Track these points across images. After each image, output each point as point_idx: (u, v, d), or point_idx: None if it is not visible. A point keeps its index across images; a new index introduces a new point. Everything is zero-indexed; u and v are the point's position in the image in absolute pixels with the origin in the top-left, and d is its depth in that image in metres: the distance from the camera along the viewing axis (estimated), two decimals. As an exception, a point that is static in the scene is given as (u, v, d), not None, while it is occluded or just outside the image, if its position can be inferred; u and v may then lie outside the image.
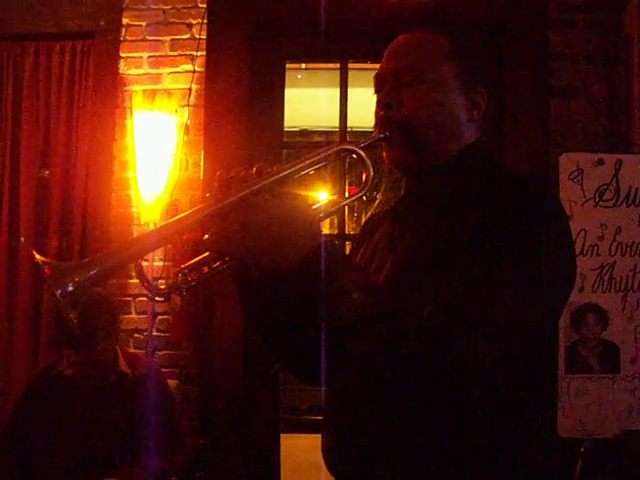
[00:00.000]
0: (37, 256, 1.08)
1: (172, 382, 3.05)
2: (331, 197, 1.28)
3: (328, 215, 1.26)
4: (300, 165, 1.20)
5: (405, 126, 1.30)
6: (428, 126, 1.30)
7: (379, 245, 1.39)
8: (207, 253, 1.21)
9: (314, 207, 1.22)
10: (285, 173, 1.17)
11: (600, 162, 2.79)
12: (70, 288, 1.04)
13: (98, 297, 2.57)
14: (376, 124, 1.34)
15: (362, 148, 1.26)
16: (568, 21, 3.13)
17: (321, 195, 1.26)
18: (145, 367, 2.73)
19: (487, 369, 1.07)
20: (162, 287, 1.24)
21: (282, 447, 3.23)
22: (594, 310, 2.75)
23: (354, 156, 1.27)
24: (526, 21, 3.12)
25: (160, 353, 3.18)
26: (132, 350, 3.15)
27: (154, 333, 3.15)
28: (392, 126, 1.30)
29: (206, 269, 1.22)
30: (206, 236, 1.14)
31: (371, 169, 1.25)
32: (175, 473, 2.58)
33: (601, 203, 2.77)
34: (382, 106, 1.32)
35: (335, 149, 1.26)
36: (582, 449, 2.69)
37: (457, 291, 1.09)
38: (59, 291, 1.03)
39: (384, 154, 1.36)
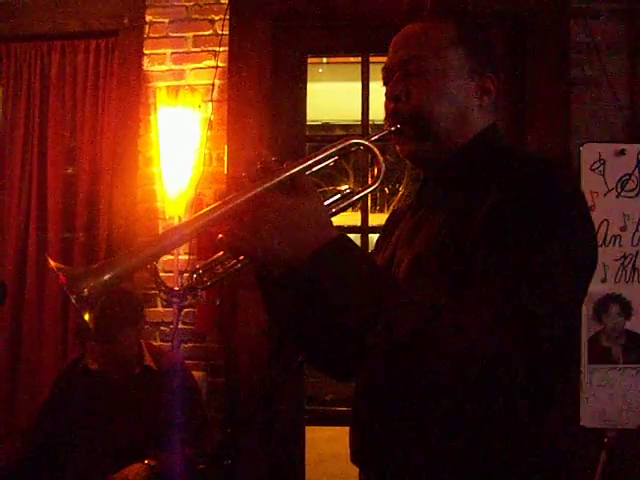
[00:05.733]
0: (52, 263, 1.08)
1: (198, 374, 3.08)
2: (344, 191, 1.27)
3: (341, 210, 1.25)
4: (311, 161, 1.19)
5: (415, 118, 1.29)
6: (438, 115, 1.28)
7: (399, 240, 1.38)
8: (221, 252, 1.21)
9: (326, 202, 1.21)
10: (296, 170, 1.16)
11: (622, 152, 2.78)
12: (85, 293, 1.05)
13: (122, 292, 2.58)
14: (386, 117, 1.33)
15: (374, 141, 1.25)
16: (590, 11, 3.12)
17: (335, 189, 1.25)
18: (169, 360, 2.75)
19: (506, 361, 1.05)
20: (176, 289, 1.25)
21: (306, 439, 3.25)
22: (617, 300, 2.74)
23: (365, 149, 1.25)
24: (548, 11, 3.11)
25: (186, 346, 3.22)
26: (158, 343, 3.19)
27: (180, 326, 3.18)
28: (402, 119, 1.29)
29: (220, 268, 1.22)
30: (220, 236, 1.13)
31: (382, 162, 1.23)
32: (203, 461, 2.61)
33: (623, 193, 2.76)
34: (391, 99, 1.32)
35: (345, 144, 1.24)
36: (605, 439, 2.69)
37: (471, 284, 1.09)
38: (74, 296, 1.04)
39: (397, 147, 1.35)
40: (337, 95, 5.54)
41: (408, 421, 1.20)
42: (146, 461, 2.46)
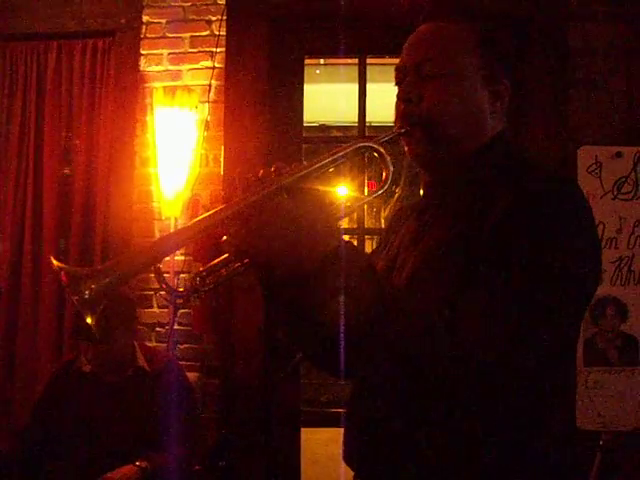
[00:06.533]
0: (54, 262, 1.07)
1: (194, 375, 3.08)
2: (350, 195, 1.26)
3: (348, 213, 1.24)
4: (319, 164, 1.18)
5: (426, 121, 1.27)
6: (449, 120, 1.27)
7: (403, 242, 1.37)
8: (225, 255, 1.20)
9: (333, 206, 1.20)
10: (303, 172, 1.15)
11: (619, 155, 2.79)
12: (87, 295, 1.04)
13: (116, 292, 2.57)
14: (396, 118, 1.32)
15: (382, 144, 1.24)
16: (588, 14, 3.11)
17: (340, 192, 1.23)
18: (163, 361, 2.75)
19: (505, 366, 1.05)
20: (181, 290, 1.24)
21: (302, 440, 3.24)
22: (613, 303, 2.75)
23: (374, 153, 1.24)
24: (546, 14, 3.11)
25: (182, 347, 3.21)
26: (154, 344, 3.18)
27: (175, 327, 3.17)
28: (413, 121, 1.28)
29: (224, 271, 1.21)
30: (224, 238, 1.13)
31: (391, 166, 1.22)
32: (198, 462, 2.61)
33: (619, 196, 2.77)
34: (402, 100, 1.30)
35: (354, 147, 1.22)
36: (600, 442, 2.69)
37: (474, 294, 1.09)
38: (76, 297, 1.04)
39: (405, 148, 1.33)
40: (334, 96, 5.54)
41: (404, 423, 1.19)
42: (137, 463, 2.46)
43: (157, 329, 3.26)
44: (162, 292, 3.18)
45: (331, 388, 5.94)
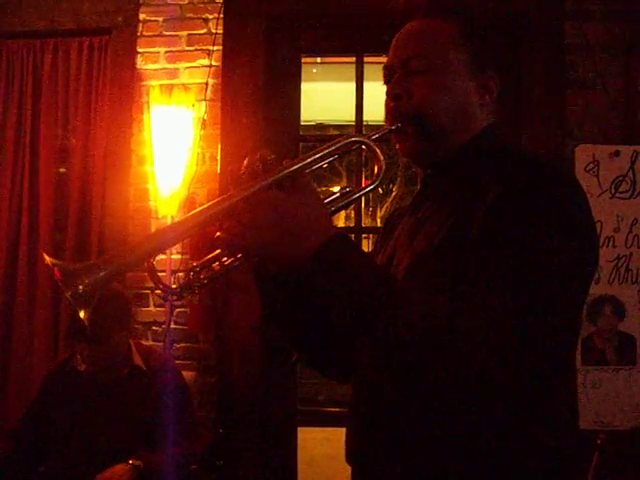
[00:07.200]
0: (47, 258, 1.07)
1: (190, 374, 3.07)
2: (343, 190, 1.26)
3: (340, 208, 1.24)
4: (311, 158, 1.18)
5: (416, 117, 1.28)
6: (439, 114, 1.28)
7: (399, 240, 1.37)
8: (219, 250, 1.20)
9: (326, 200, 1.20)
10: (296, 167, 1.14)
11: (616, 154, 2.80)
12: (80, 289, 1.04)
13: (111, 291, 2.55)
14: (387, 116, 1.32)
15: (374, 140, 1.24)
16: (584, 12, 3.12)
17: (334, 188, 1.23)
18: (159, 360, 2.73)
19: (503, 361, 1.04)
20: (174, 286, 1.24)
21: (298, 439, 3.24)
22: (610, 302, 2.75)
23: (363, 147, 1.25)
24: (542, 13, 3.11)
25: (178, 345, 3.21)
26: (150, 343, 3.18)
27: (172, 326, 3.17)
28: (403, 117, 1.29)
29: (218, 266, 1.21)
30: (218, 233, 1.13)
31: (383, 161, 1.22)
32: (194, 462, 2.60)
33: (617, 195, 2.77)
34: (391, 97, 1.31)
35: (345, 141, 1.23)
36: (598, 441, 2.69)
37: (471, 284, 1.08)
38: (69, 292, 1.03)
39: (397, 146, 1.34)
40: (331, 95, 5.55)
41: (406, 421, 1.19)
42: (130, 461, 2.44)
43: (153, 328, 3.25)
44: (157, 291, 3.17)
45: (328, 387, 5.94)
